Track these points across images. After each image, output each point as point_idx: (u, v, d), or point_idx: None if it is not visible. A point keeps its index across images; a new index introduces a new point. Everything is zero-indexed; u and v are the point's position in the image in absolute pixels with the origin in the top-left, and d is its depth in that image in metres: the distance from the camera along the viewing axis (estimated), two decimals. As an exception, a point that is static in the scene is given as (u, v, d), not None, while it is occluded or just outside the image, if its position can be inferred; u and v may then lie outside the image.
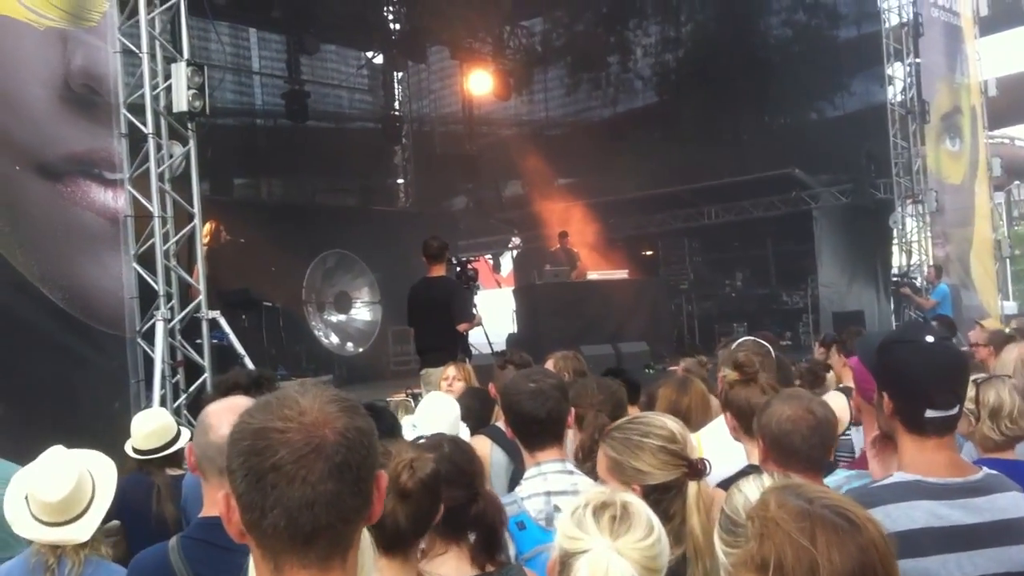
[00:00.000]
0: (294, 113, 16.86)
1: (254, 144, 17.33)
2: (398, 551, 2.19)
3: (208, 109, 7.81)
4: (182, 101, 7.53)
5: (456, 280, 8.70)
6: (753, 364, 3.34)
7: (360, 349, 16.50)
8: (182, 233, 7.89)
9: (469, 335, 8.36)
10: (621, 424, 2.72)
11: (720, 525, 1.88)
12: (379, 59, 19.58)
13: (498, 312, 14.89)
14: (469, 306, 8.33)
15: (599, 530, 1.91)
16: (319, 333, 15.98)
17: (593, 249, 16.36)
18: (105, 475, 3.09)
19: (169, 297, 7.67)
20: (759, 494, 1.69)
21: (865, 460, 2.67)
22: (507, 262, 22.14)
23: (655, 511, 2.02)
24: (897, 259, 16.09)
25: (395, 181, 20.71)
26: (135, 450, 4.20)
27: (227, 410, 2.37)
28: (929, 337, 2.31)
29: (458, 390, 5.26)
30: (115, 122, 7.64)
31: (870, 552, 1.44)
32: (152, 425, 4.27)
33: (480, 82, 18.75)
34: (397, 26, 18.67)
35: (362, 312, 16.91)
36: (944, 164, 16.78)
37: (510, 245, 21.96)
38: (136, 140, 7.69)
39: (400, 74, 20.29)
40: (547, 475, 2.96)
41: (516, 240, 21.62)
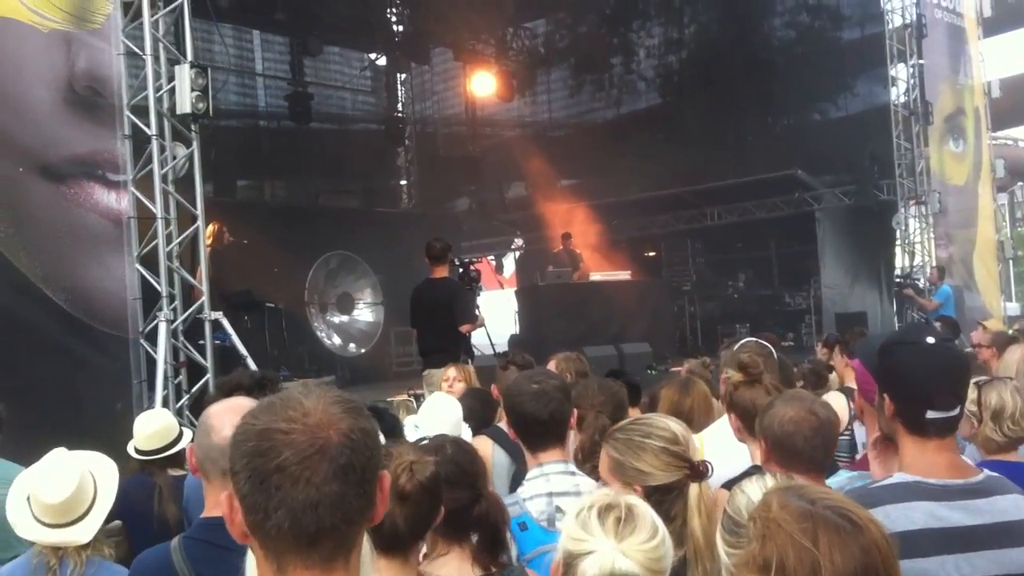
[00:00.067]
0: (297, 115, 16.87)
1: (257, 146, 17.31)
2: (397, 552, 2.19)
3: (211, 111, 7.82)
4: (185, 103, 7.54)
5: (459, 281, 8.69)
6: (758, 365, 3.33)
7: (362, 350, 16.49)
8: (185, 234, 7.90)
9: (471, 336, 8.35)
10: (624, 425, 2.72)
11: (723, 526, 1.88)
12: (382, 61, 19.56)
13: (501, 313, 14.91)
14: (472, 307, 8.33)
15: (604, 532, 1.91)
16: (321, 334, 15.96)
17: (596, 250, 16.34)
18: (107, 476, 3.09)
19: (172, 298, 7.69)
20: (761, 495, 1.69)
21: (867, 462, 2.67)
22: (510, 263, 22.13)
23: (656, 512, 2.02)
24: (900, 260, 16.08)
25: (398, 182, 20.70)
26: (137, 451, 4.20)
27: (229, 411, 2.37)
28: (930, 338, 2.31)
29: (459, 391, 5.26)
30: (119, 124, 7.66)
31: (872, 553, 1.44)
32: (154, 426, 4.27)
33: (483, 83, 18.74)
34: (400, 28, 18.67)
35: (364, 313, 16.91)
36: (947, 165, 16.76)
37: (513, 246, 21.95)
38: (140, 142, 7.71)
39: (403, 76, 20.25)
40: (549, 476, 2.96)
41: (519, 241, 21.61)
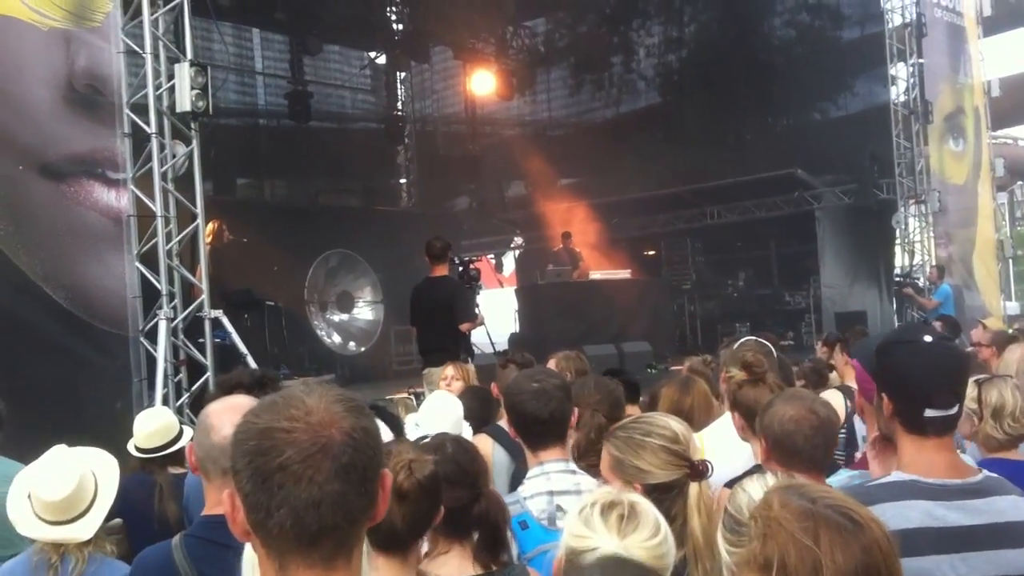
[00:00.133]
0: (297, 113, 16.88)
1: (257, 144, 17.33)
2: (396, 551, 2.18)
3: (211, 109, 7.82)
4: (185, 101, 7.54)
5: (459, 280, 8.69)
6: (762, 364, 3.33)
7: (362, 349, 16.50)
8: (185, 233, 7.90)
9: (471, 335, 8.35)
10: (625, 423, 2.72)
11: (723, 524, 1.88)
12: (382, 59, 19.56)
13: (500, 312, 14.92)
14: (471, 306, 8.33)
15: (607, 529, 1.91)
16: (321, 333, 15.97)
17: (596, 249, 16.35)
18: (107, 473, 3.08)
19: (172, 296, 7.69)
20: (762, 494, 1.69)
21: (868, 461, 2.67)
22: (509, 262, 22.15)
23: (656, 511, 2.02)
24: (900, 259, 16.08)
25: (398, 181, 20.69)
26: (137, 449, 4.20)
27: (228, 410, 2.37)
28: (927, 337, 2.30)
29: (457, 390, 5.24)
30: (118, 122, 7.66)
31: (874, 552, 1.43)
32: (154, 424, 4.27)
33: (483, 82, 18.73)
34: (400, 26, 18.66)
35: (364, 312, 16.91)
36: (947, 164, 16.75)
37: (513, 245, 21.96)
38: (139, 140, 7.70)
39: (403, 74, 20.24)
40: (550, 475, 2.96)
41: (519, 240, 21.62)
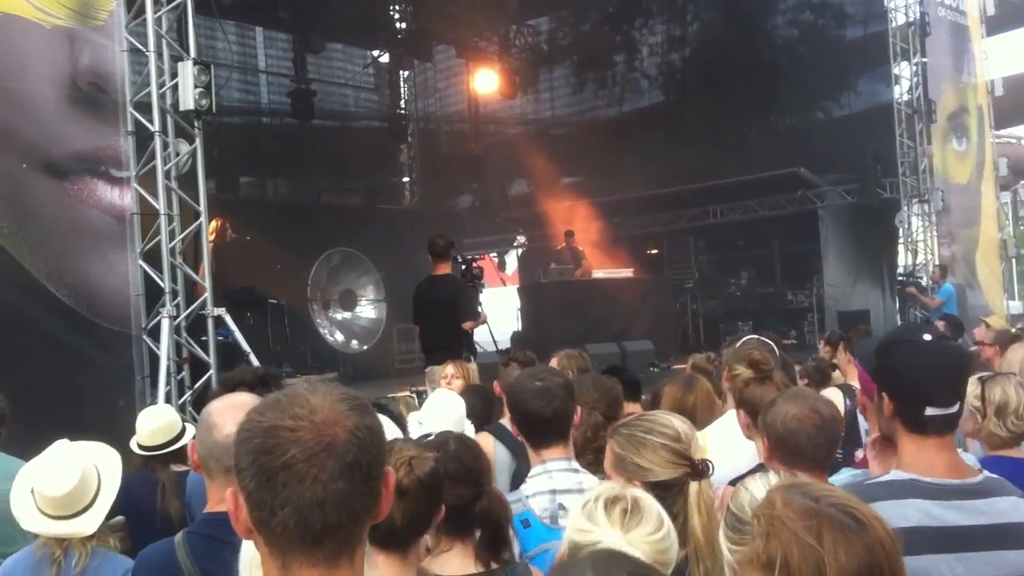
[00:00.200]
0: (300, 112, 16.89)
1: (260, 142, 17.34)
2: (395, 548, 2.17)
3: (214, 107, 7.81)
4: (189, 99, 7.55)
5: (461, 278, 8.69)
6: (769, 362, 3.33)
7: (365, 347, 16.50)
8: (188, 231, 7.90)
9: (474, 333, 8.36)
10: (628, 421, 2.73)
11: (726, 523, 1.88)
12: (385, 58, 19.57)
13: (503, 310, 14.92)
14: (474, 304, 8.33)
15: (610, 523, 1.91)
16: (324, 331, 15.98)
17: (598, 248, 16.35)
18: (110, 468, 3.08)
19: (175, 294, 7.69)
20: (765, 492, 1.69)
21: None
22: (512, 261, 22.16)
23: (657, 509, 2.02)
24: (903, 258, 16.06)
25: (400, 180, 20.70)
26: (140, 447, 4.20)
27: (230, 408, 2.36)
28: (927, 336, 2.30)
29: (457, 388, 5.22)
30: (122, 120, 7.66)
31: (877, 551, 1.43)
32: (157, 422, 4.27)
33: (486, 81, 18.72)
34: (403, 25, 18.67)
35: (367, 310, 16.92)
36: (950, 164, 16.73)
37: (515, 244, 21.97)
38: (143, 138, 7.71)
39: (406, 73, 20.25)
40: (552, 473, 2.95)
41: (521, 239, 21.63)
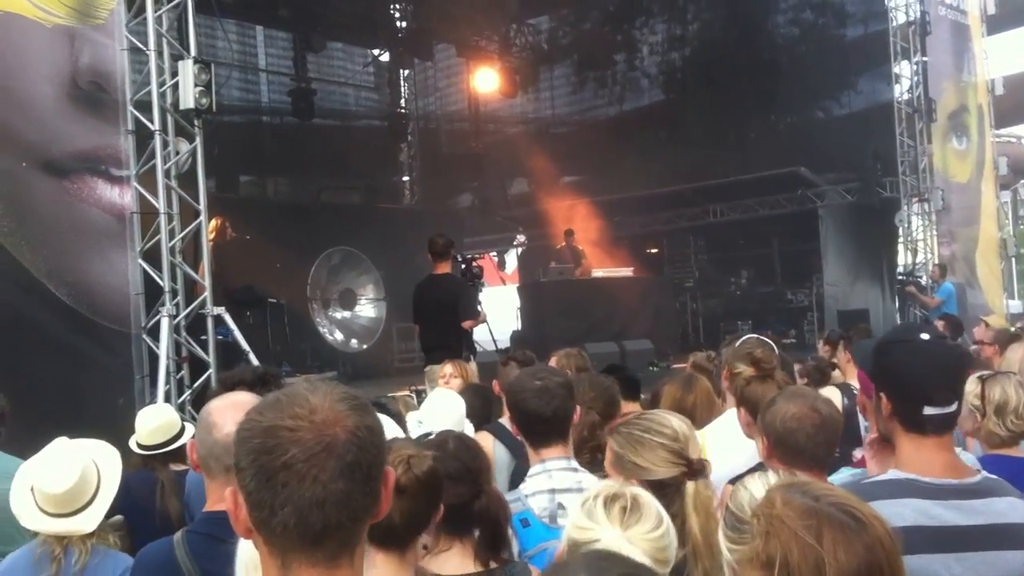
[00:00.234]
0: (300, 111, 16.89)
1: (260, 141, 17.33)
2: (393, 547, 2.16)
3: (215, 106, 7.81)
4: (189, 98, 7.54)
5: (461, 278, 8.69)
6: (771, 361, 3.32)
7: (364, 346, 16.50)
8: (188, 230, 7.90)
9: (474, 332, 8.36)
10: (628, 420, 2.73)
11: (725, 522, 1.88)
12: (385, 57, 19.58)
13: (503, 310, 14.92)
14: (474, 303, 8.33)
15: (609, 521, 1.91)
16: (324, 330, 15.98)
17: (598, 247, 16.34)
18: (110, 465, 3.08)
19: (175, 293, 7.69)
20: (764, 491, 1.69)
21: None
22: (512, 260, 22.16)
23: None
24: (903, 258, 16.05)
25: (401, 179, 20.71)
26: (139, 446, 4.19)
27: (230, 407, 2.36)
28: (924, 335, 2.30)
29: (455, 387, 5.22)
30: (122, 119, 7.66)
31: (876, 550, 1.43)
32: (156, 421, 4.27)
33: (486, 80, 18.71)
34: (403, 24, 18.67)
35: (367, 309, 16.92)
36: (950, 163, 16.73)
37: (515, 243, 21.96)
38: (143, 137, 7.70)
39: (406, 72, 20.26)
40: (552, 473, 2.95)
41: (521, 238, 21.62)
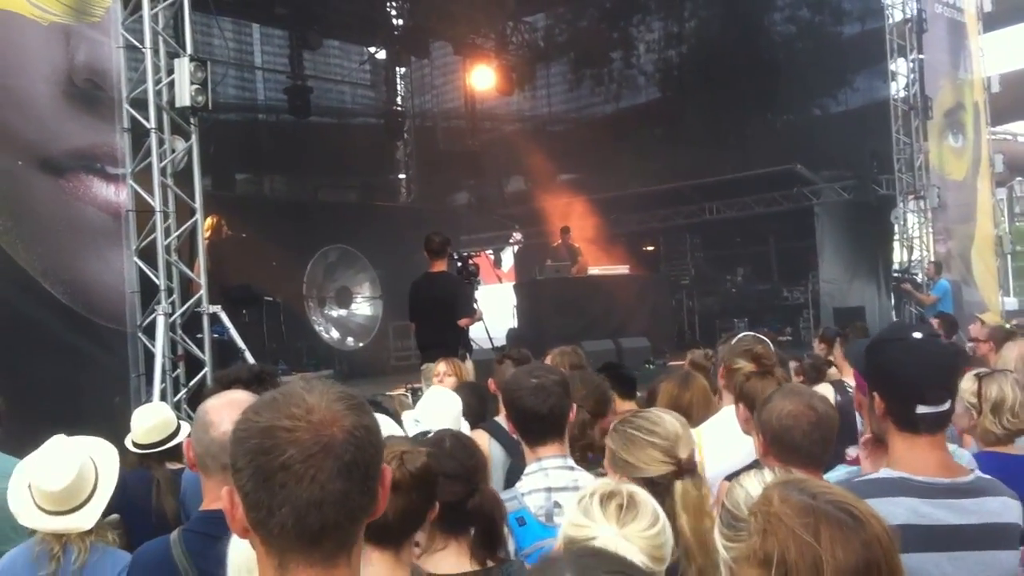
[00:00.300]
0: (296, 108, 16.87)
1: (256, 139, 17.31)
2: (388, 544, 2.15)
3: (211, 104, 7.81)
4: (185, 96, 7.53)
5: (458, 276, 8.69)
6: (771, 357, 3.32)
7: (361, 344, 16.50)
8: (184, 228, 7.89)
9: (470, 330, 8.35)
10: (626, 418, 2.74)
11: (721, 520, 1.88)
12: (382, 54, 19.55)
13: (499, 308, 14.90)
14: (470, 301, 8.32)
15: (606, 518, 1.91)
16: (320, 328, 15.97)
17: (594, 245, 16.33)
18: (107, 462, 3.07)
19: (170, 292, 7.68)
20: (759, 489, 1.69)
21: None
22: (508, 257, 22.14)
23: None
24: (899, 255, 16.08)
25: (397, 177, 20.69)
26: (135, 444, 4.19)
27: (227, 406, 2.36)
28: (917, 334, 2.30)
29: (449, 385, 5.21)
30: (118, 117, 7.65)
31: (874, 548, 1.43)
32: (152, 420, 4.26)
33: (483, 78, 18.71)
34: (400, 21, 18.64)
35: (363, 307, 16.91)
36: (946, 160, 16.75)
37: (512, 241, 21.94)
38: (138, 135, 7.69)
39: (403, 70, 20.23)
40: (548, 471, 2.95)
41: (518, 236, 21.60)
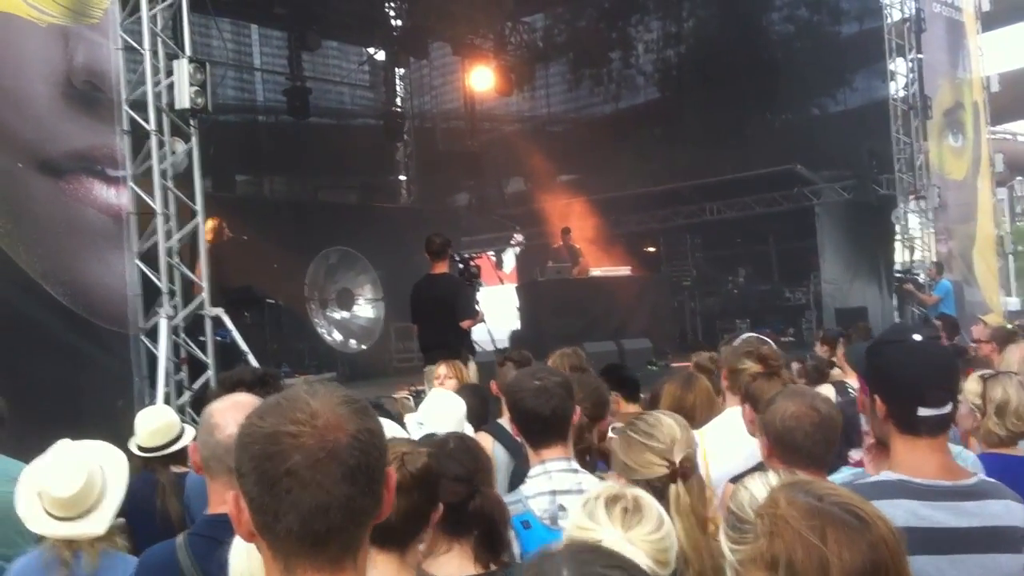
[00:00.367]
0: (296, 110, 16.85)
1: (256, 141, 17.29)
2: (392, 547, 2.15)
3: (210, 106, 7.81)
4: (184, 98, 7.53)
5: (459, 277, 8.69)
6: (778, 358, 3.32)
7: (363, 346, 16.48)
8: (185, 230, 7.89)
9: (472, 332, 8.35)
10: (631, 420, 2.75)
11: (726, 522, 1.88)
12: (381, 55, 19.52)
13: (501, 309, 14.90)
14: (472, 303, 8.32)
15: (611, 521, 1.91)
16: (322, 330, 15.95)
17: (595, 245, 16.32)
18: (115, 466, 3.07)
19: (172, 294, 7.68)
20: (764, 491, 1.69)
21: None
22: (510, 259, 22.12)
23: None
24: (900, 255, 16.07)
25: (397, 178, 20.67)
26: (139, 448, 4.19)
27: (232, 408, 2.36)
28: (917, 336, 2.30)
29: (450, 388, 5.21)
30: (117, 119, 7.65)
31: (880, 549, 1.43)
32: (156, 423, 4.26)
33: (482, 78, 18.70)
34: (399, 22, 18.64)
35: (365, 309, 16.90)
36: (946, 160, 16.75)
37: (512, 242, 21.92)
38: (138, 137, 7.70)
39: (402, 70, 20.21)
40: (552, 474, 2.94)
41: (518, 237, 21.57)
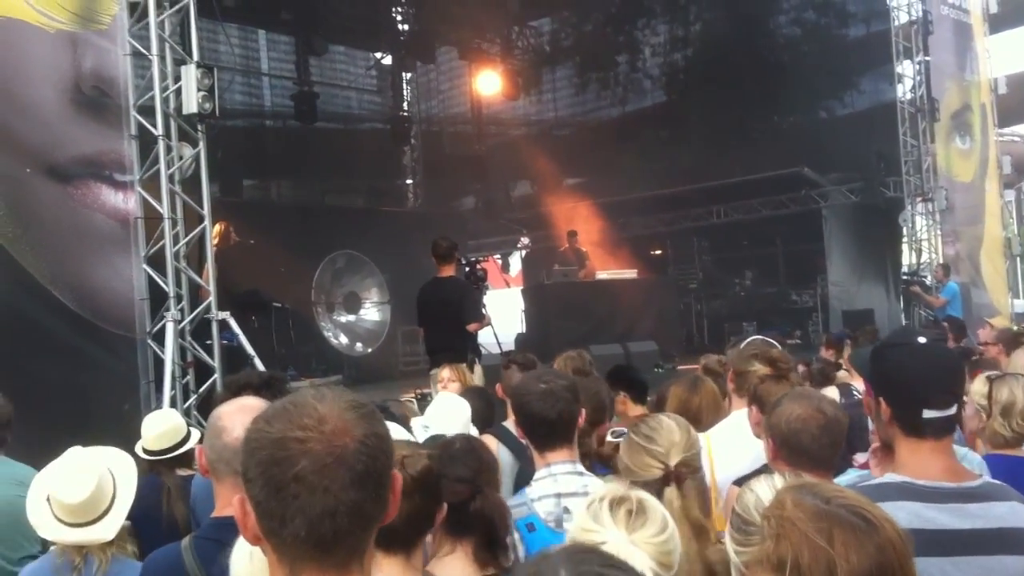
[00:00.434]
0: (303, 114, 16.88)
1: (263, 145, 17.34)
2: (397, 549, 2.15)
3: (218, 111, 7.81)
4: (192, 103, 7.55)
5: (465, 280, 8.69)
6: (787, 361, 3.32)
7: (369, 349, 16.49)
8: (192, 234, 7.90)
9: (479, 335, 8.35)
10: (636, 422, 2.75)
11: (731, 524, 1.87)
12: (387, 60, 19.55)
13: (507, 312, 14.90)
14: (479, 306, 8.33)
15: (615, 523, 1.91)
16: (328, 334, 15.97)
17: (602, 248, 16.31)
18: (125, 472, 3.09)
19: (179, 298, 7.68)
20: (769, 493, 1.68)
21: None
22: (516, 262, 22.15)
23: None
24: (907, 257, 16.03)
25: (404, 182, 20.69)
26: (145, 451, 4.20)
27: (239, 411, 2.37)
28: (921, 339, 2.31)
29: (454, 391, 5.21)
30: (125, 124, 7.66)
31: (888, 551, 1.43)
32: (162, 426, 4.27)
33: (488, 82, 18.72)
34: (406, 27, 18.67)
35: (371, 312, 16.91)
36: (954, 162, 16.70)
37: (519, 245, 21.95)
38: (146, 142, 7.71)
39: (409, 75, 20.24)
40: (557, 476, 2.95)
41: (525, 240, 21.60)
